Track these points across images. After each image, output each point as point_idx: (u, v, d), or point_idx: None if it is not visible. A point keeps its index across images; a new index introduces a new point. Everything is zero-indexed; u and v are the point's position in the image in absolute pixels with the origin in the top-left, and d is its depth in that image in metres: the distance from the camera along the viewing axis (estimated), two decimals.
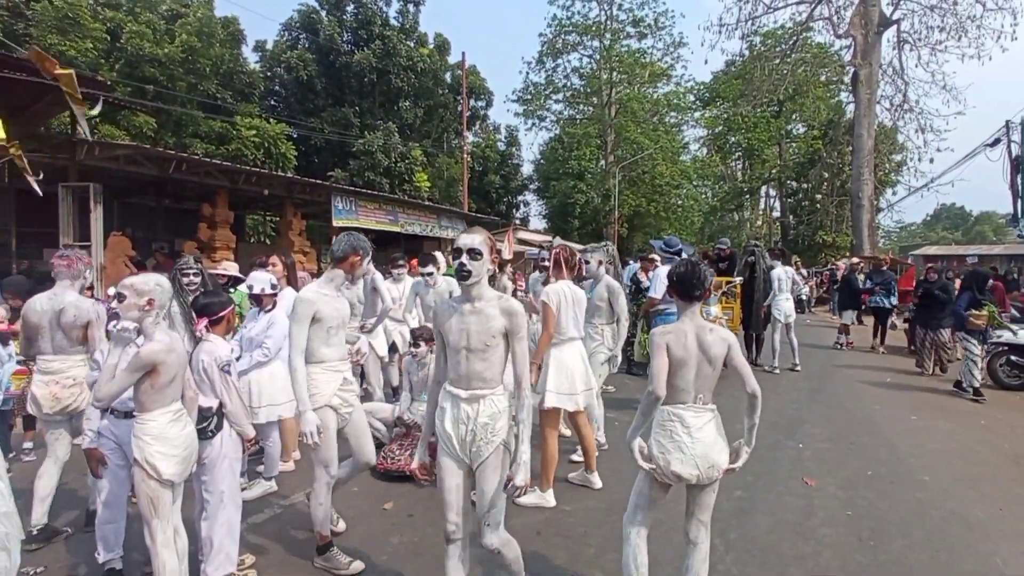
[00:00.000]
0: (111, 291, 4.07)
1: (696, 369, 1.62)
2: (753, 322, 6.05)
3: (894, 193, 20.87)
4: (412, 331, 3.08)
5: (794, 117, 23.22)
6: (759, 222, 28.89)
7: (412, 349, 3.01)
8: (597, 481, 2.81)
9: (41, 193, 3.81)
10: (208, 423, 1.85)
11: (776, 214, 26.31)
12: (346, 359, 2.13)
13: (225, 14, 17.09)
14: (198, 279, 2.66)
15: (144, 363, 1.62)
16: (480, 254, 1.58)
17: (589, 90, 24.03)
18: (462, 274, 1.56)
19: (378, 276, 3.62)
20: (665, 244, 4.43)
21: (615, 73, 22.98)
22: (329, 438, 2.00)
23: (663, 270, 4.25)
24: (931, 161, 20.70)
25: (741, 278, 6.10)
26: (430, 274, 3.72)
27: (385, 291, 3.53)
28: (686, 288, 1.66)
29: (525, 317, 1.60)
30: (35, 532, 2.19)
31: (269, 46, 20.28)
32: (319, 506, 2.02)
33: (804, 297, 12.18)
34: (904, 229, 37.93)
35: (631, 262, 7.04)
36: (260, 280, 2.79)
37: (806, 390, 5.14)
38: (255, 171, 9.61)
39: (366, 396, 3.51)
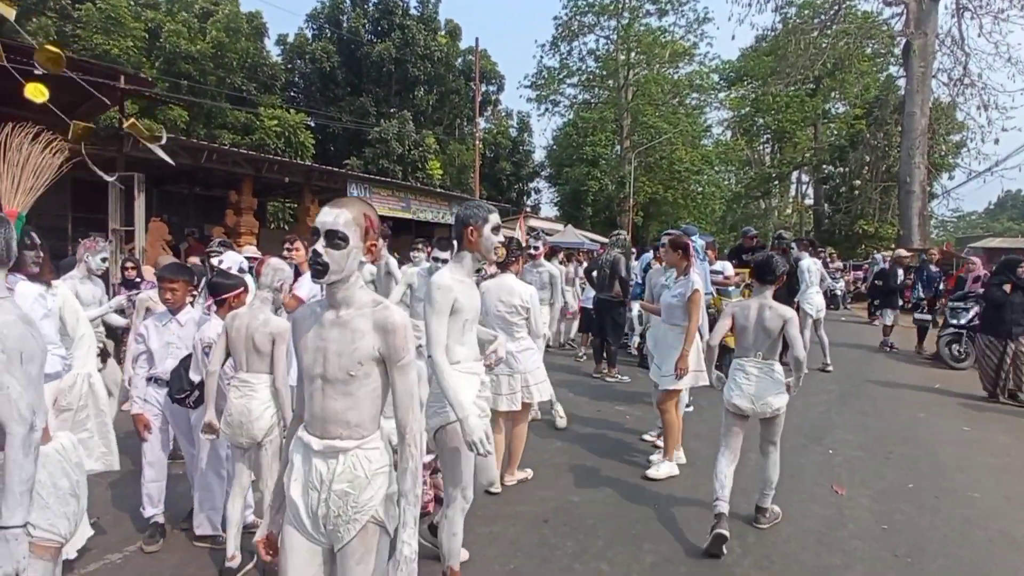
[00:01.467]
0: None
1: (754, 334, 2.26)
2: None
3: (951, 178, 18.92)
4: None
5: (833, 95, 21.46)
6: (788, 210, 27.23)
7: None
8: (681, 457, 2.94)
9: (111, 179, 4.13)
10: (187, 394, 1.99)
11: (809, 201, 24.69)
12: (480, 359, 1.80)
13: (250, 9, 17.57)
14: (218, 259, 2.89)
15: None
16: (345, 240, 1.06)
17: (605, 73, 23.23)
18: (315, 268, 1.06)
19: (392, 261, 3.65)
20: (683, 233, 4.23)
21: (633, 54, 22.07)
22: (467, 457, 1.66)
23: None
24: (996, 142, 18.64)
25: None
26: (445, 262, 2.92)
27: (400, 276, 3.52)
28: (761, 273, 2.30)
29: (409, 334, 1.10)
30: None
31: (290, 39, 20.67)
32: (452, 536, 1.71)
33: (839, 292, 11.40)
34: (963, 219, 34.50)
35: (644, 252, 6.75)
36: (231, 260, 2.81)
37: (837, 393, 4.74)
38: (277, 160, 10.00)
39: None
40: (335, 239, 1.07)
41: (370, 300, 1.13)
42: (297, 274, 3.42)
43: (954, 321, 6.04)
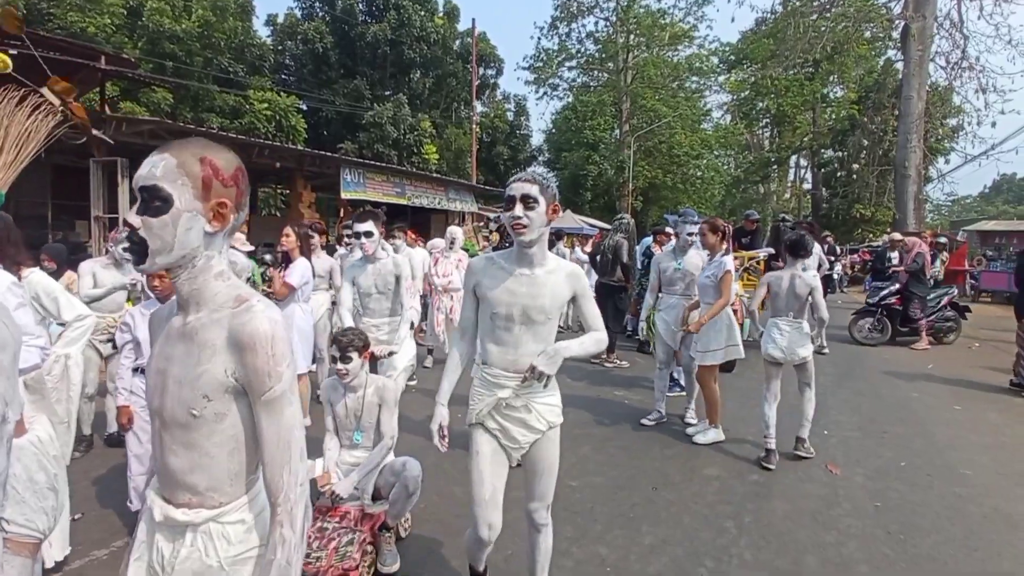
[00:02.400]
0: None
1: (786, 299, 2.83)
2: None
3: (947, 162, 18.97)
4: (335, 336, 1.95)
5: (831, 79, 21.23)
6: (787, 195, 27.20)
7: (337, 365, 1.88)
8: (721, 434, 3.11)
9: (112, 142, 4.03)
10: None
11: (807, 186, 24.65)
12: (516, 374, 1.39)
13: None
14: None
15: None
16: (166, 200, 0.70)
17: (604, 55, 22.79)
18: (131, 249, 0.73)
19: (387, 246, 3.57)
20: (680, 217, 4.18)
21: (632, 36, 21.63)
22: (477, 468, 1.42)
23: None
24: (993, 125, 18.60)
25: (765, 252, 5.73)
26: (368, 235, 2.36)
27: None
28: (794, 249, 2.86)
29: (280, 349, 0.72)
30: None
31: (280, 20, 19.98)
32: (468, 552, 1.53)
33: (836, 276, 11.44)
34: (957, 202, 34.70)
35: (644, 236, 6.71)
36: None
37: (833, 375, 4.77)
38: (267, 144, 9.71)
39: None
40: (153, 200, 0.70)
41: (232, 297, 0.74)
42: (288, 261, 3.38)
43: (870, 300, 6.17)
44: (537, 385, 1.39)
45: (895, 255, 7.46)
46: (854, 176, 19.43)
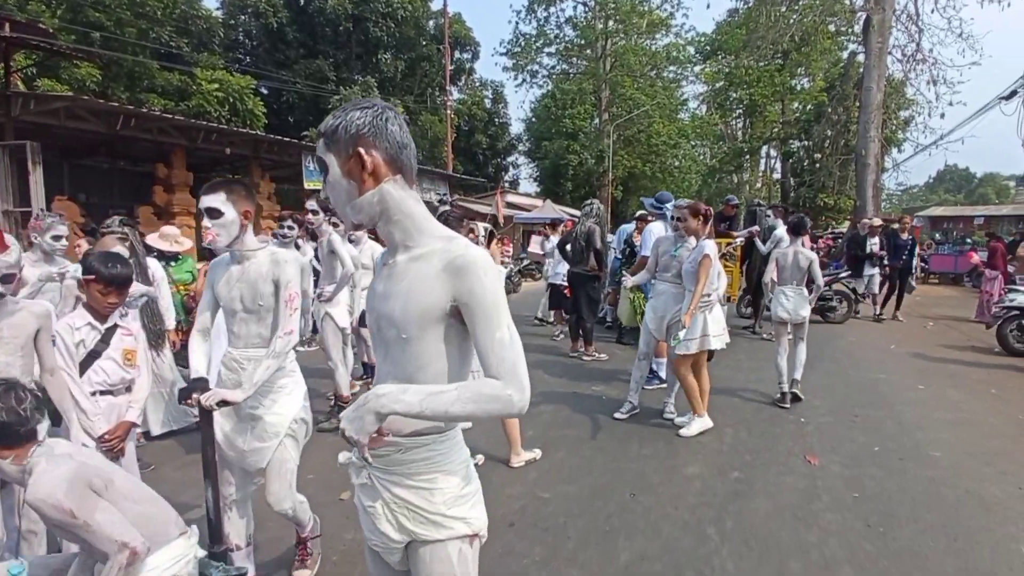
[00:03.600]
0: None
1: (791, 270, 3.50)
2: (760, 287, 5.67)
3: (900, 151, 20.07)
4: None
5: (799, 71, 21.89)
6: (759, 184, 28.09)
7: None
8: (709, 422, 3.09)
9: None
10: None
11: (777, 175, 25.52)
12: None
13: None
14: (124, 243, 2.56)
15: None
16: None
17: (583, 42, 22.53)
18: None
19: (335, 237, 3.23)
20: (656, 200, 4.02)
21: (611, 23, 21.47)
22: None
23: (656, 225, 3.87)
24: (942, 116, 19.67)
25: (742, 237, 5.70)
26: (214, 214, 1.51)
27: (345, 254, 3.15)
28: (796, 229, 3.57)
29: None
30: None
31: None
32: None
33: None
34: (906, 191, 37.25)
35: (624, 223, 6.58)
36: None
37: (805, 360, 4.92)
38: (215, 127, 8.80)
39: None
40: None
41: None
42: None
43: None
44: (394, 453, 0.82)
45: (875, 241, 7.63)
46: (818, 165, 20.23)
